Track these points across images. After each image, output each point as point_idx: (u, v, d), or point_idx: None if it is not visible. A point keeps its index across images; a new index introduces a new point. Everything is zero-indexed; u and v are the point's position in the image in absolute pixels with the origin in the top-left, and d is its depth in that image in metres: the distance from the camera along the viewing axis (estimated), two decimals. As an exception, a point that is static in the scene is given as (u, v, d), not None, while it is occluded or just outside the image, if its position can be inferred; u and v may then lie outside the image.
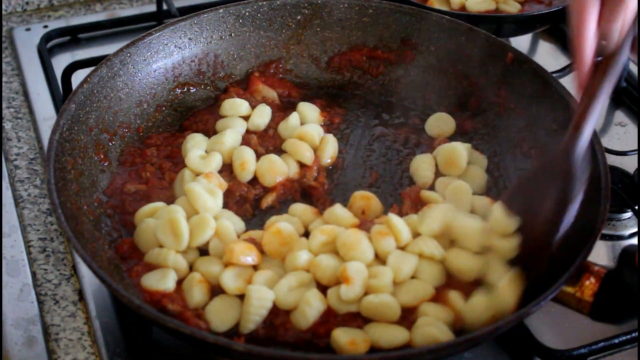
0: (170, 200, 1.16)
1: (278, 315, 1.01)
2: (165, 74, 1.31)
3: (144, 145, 1.26)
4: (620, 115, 1.53)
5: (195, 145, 1.22)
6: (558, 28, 1.71)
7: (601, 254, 1.25)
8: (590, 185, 1.06)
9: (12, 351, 1.07)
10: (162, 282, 1.03)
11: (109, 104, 1.22)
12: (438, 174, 1.23)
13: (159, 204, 1.14)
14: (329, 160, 1.26)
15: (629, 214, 1.30)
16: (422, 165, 1.23)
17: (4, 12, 1.72)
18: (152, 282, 1.03)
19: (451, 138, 1.29)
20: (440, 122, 1.31)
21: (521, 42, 1.69)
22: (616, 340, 1.06)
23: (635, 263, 0.92)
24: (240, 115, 1.29)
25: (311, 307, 1.00)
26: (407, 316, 1.01)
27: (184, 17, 1.32)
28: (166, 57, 1.31)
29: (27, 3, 1.74)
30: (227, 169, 1.21)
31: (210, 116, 1.31)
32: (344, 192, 1.23)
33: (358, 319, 1.01)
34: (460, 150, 1.22)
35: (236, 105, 1.30)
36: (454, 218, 1.10)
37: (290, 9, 1.38)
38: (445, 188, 1.18)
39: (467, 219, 1.10)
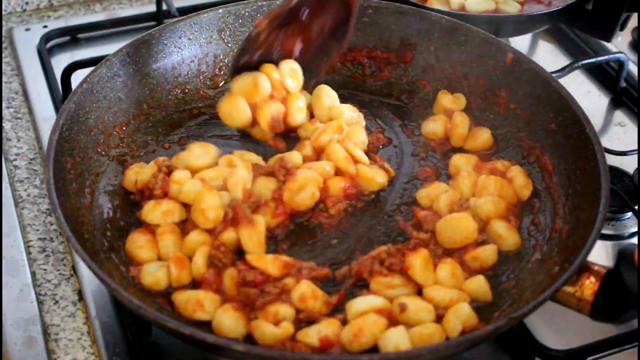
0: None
1: None
2: (165, 74, 1.31)
3: (143, 146, 1.26)
4: (620, 116, 1.53)
5: None
6: (558, 28, 1.71)
7: (601, 254, 1.25)
8: (590, 185, 1.07)
9: (11, 351, 1.06)
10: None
11: (108, 104, 1.22)
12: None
13: None
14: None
15: (629, 214, 1.30)
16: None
17: (3, 12, 1.72)
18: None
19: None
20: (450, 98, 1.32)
21: (521, 42, 1.69)
22: (616, 340, 1.06)
23: (634, 262, 0.91)
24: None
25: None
26: None
27: (183, 17, 1.32)
28: (166, 57, 1.31)
29: (26, 3, 1.74)
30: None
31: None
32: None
33: None
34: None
35: None
36: None
37: (290, 9, 1.38)
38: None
39: None
